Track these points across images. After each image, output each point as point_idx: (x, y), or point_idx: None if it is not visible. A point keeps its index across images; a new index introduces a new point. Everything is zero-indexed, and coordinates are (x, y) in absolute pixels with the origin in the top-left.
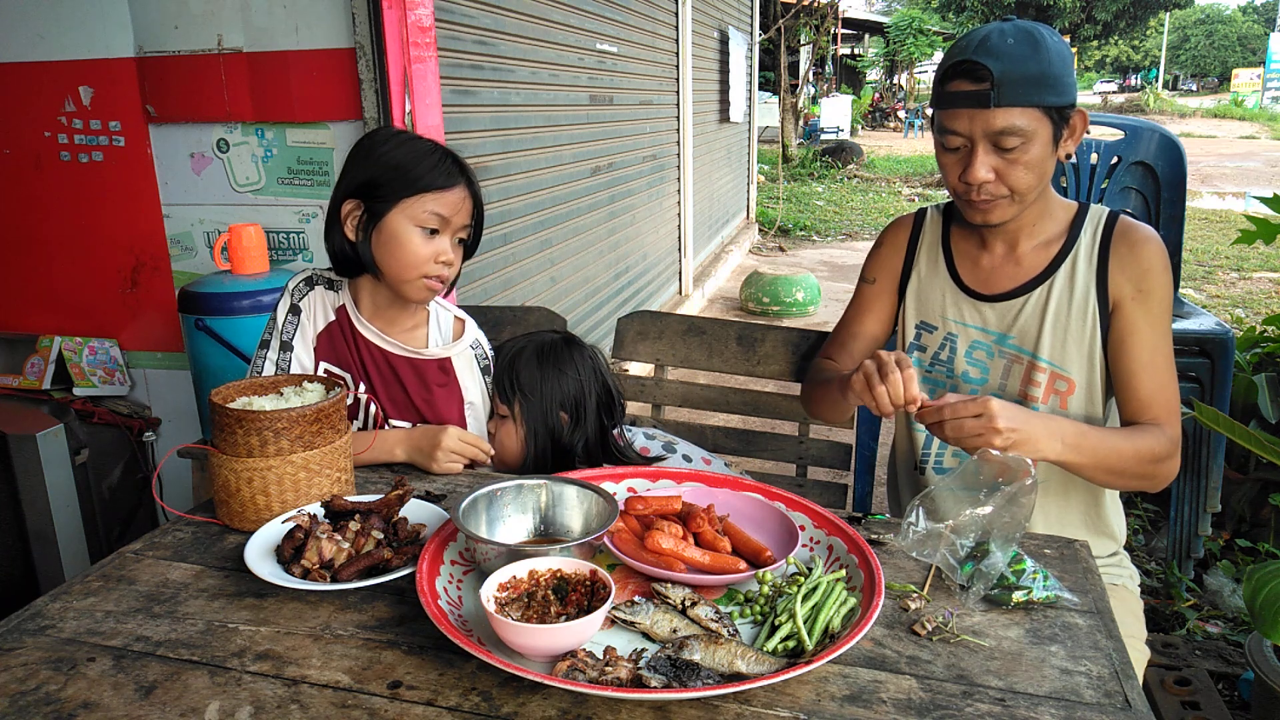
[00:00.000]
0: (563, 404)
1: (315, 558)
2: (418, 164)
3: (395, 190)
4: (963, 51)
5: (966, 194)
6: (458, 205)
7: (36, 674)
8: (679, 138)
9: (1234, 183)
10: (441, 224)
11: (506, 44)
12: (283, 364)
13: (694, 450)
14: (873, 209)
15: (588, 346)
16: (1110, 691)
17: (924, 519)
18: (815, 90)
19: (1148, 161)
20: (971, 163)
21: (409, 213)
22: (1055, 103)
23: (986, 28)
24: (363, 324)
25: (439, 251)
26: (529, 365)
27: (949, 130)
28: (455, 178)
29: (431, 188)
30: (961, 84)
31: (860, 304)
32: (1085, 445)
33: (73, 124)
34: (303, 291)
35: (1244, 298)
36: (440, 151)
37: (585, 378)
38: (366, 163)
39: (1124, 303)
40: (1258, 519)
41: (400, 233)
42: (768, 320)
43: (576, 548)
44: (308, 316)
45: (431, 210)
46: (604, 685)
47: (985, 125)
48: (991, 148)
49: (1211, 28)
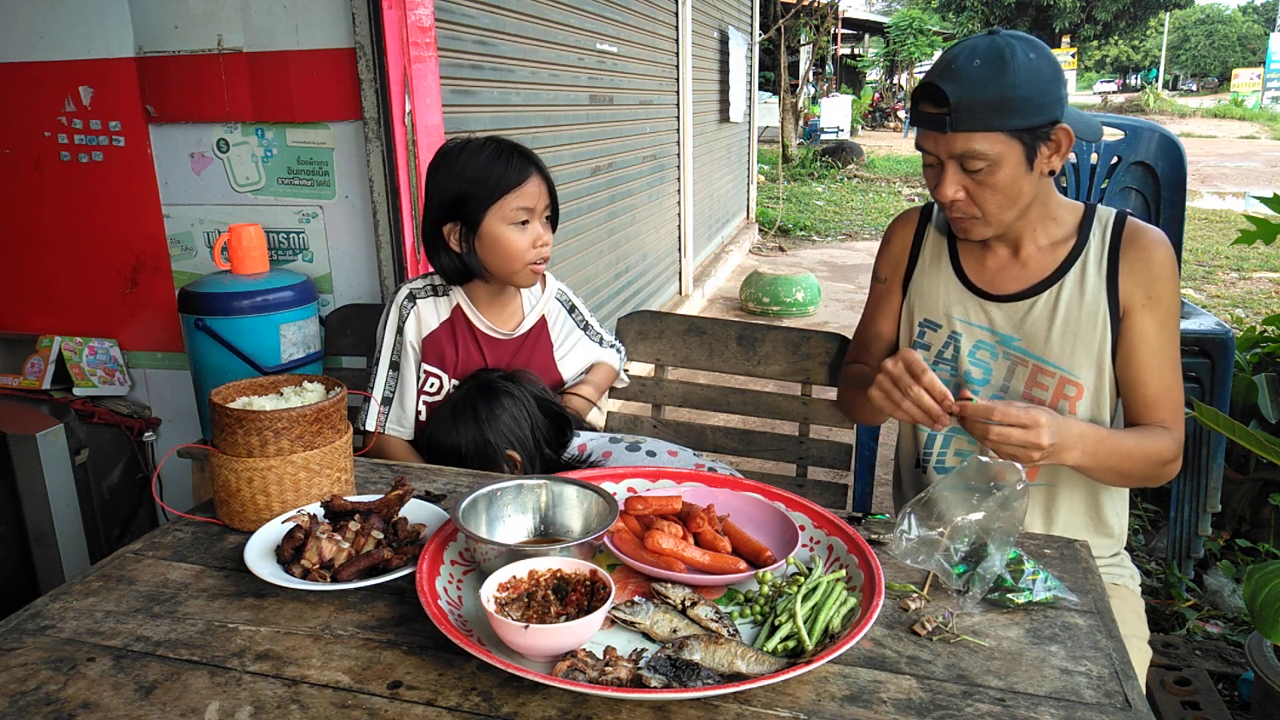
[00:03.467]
0: (510, 445)
1: (315, 558)
2: (491, 170)
3: (482, 200)
4: (931, 72)
5: (950, 210)
6: (537, 193)
7: (36, 674)
8: (679, 138)
9: (1234, 183)
10: (528, 214)
11: (506, 44)
12: (391, 381)
13: (659, 445)
14: (873, 209)
15: (517, 383)
16: (1110, 691)
17: (916, 526)
18: (815, 90)
19: (1148, 161)
20: (941, 181)
21: (500, 215)
22: (1021, 125)
23: (963, 45)
24: (478, 318)
25: (535, 237)
26: (464, 423)
27: (921, 148)
28: (527, 170)
29: (511, 187)
30: (926, 106)
31: (875, 304)
32: (1102, 451)
33: (73, 124)
34: (407, 309)
35: (1244, 298)
36: (505, 150)
37: (518, 414)
38: (446, 182)
39: (1134, 308)
40: (1258, 519)
41: (498, 234)
42: (768, 320)
43: (576, 548)
44: (412, 331)
45: (516, 206)
46: (604, 685)
47: (948, 148)
48: (959, 168)
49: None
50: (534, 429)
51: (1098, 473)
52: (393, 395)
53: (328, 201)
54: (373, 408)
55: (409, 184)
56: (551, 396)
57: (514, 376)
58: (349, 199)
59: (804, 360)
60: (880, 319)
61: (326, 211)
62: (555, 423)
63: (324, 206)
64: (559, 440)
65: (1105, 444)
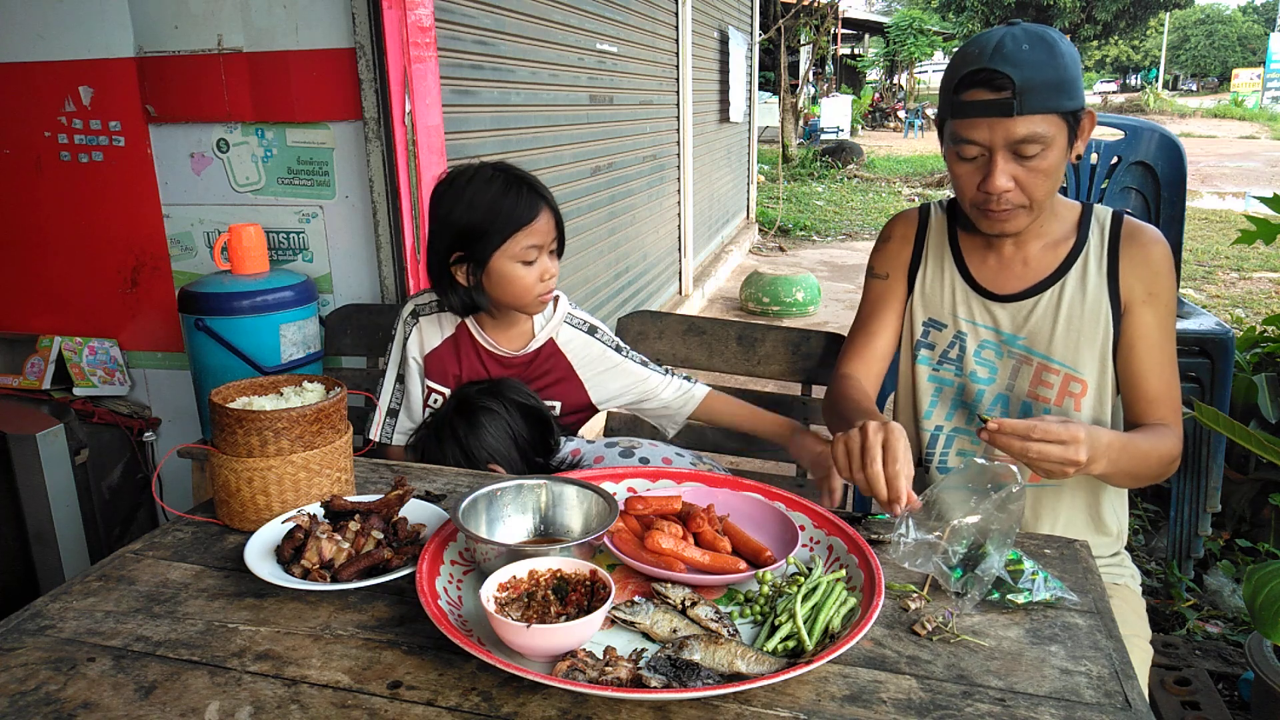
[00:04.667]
0: (491, 459)
1: (315, 558)
2: (499, 208)
3: (491, 239)
4: (977, 59)
5: (985, 204)
6: (546, 229)
7: (36, 674)
8: (679, 138)
9: (1234, 183)
10: (538, 251)
11: (506, 44)
12: (397, 394)
13: (654, 451)
14: (873, 209)
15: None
16: (1110, 691)
17: (914, 530)
18: (815, 90)
19: (1148, 161)
20: (991, 172)
21: (509, 253)
22: (1071, 107)
23: (995, 33)
24: (483, 337)
25: (543, 271)
26: (447, 442)
27: (966, 140)
28: (537, 206)
29: (522, 225)
30: (979, 93)
31: (875, 301)
32: (1124, 458)
33: (73, 124)
34: (410, 326)
35: (1244, 298)
36: (514, 183)
37: (497, 429)
38: (454, 214)
39: (1135, 305)
40: (1258, 519)
41: (507, 272)
42: (768, 320)
43: (576, 548)
44: (415, 347)
45: (526, 245)
46: (604, 685)
47: (1007, 135)
48: (1011, 156)
49: (1211, 28)
50: (517, 440)
51: (1115, 477)
52: (399, 408)
53: (328, 201)
54: (378, 418)
55: (409, 184)
56: (537, 403)
57: (495, 388)
58: (349, 199)
59: (804, 360)
60: (881, 317)
61: (326, 211)
62: (540, 429)
63: (324, 206)
64: (546, 445)
65: (1126, 450)
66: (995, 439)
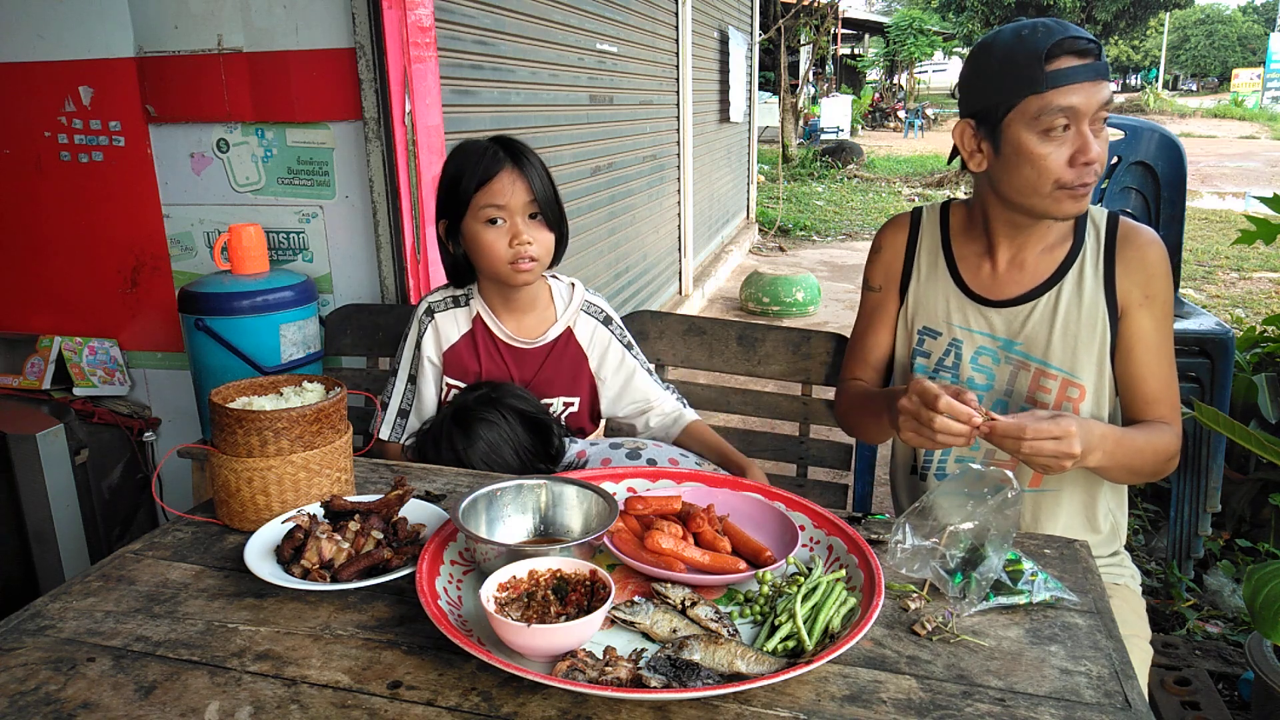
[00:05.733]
0: (489, 468)
1: (315, 558)
2: (464, 168)
3: (458, 200)
4: (1056, 32)
5: (1080, 179)
6: (508, 189)
7: (36, 674)
8: (679, 138)
9: (1234, 183)
10: (499, 211)
11: (506, 44)
12: (409, 395)
13: (660, 452)
14: (873, 209)
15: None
16: (1110, 691)
17: (911, 535)
18: (815, 90)
19: (1148, 161)
20: (1087, 140)
21: (473, 214)
22: None
23: (1043, 19)
24: (499, 327)
25: (512, 234)
26: (445, 451)
27: (1060, 108)
28: (496, 165)
29: (480, 185)
30: (1069, 60)
31: (870, 313)
32: (1119, 451)
33: (73, 124)
34: (425, 323)
35: (1244, 298)
36: (488, 146)
37: (495, 439)
38: (441, 180)
39: (1132, 307)
40: (1258, 519)
41: (473, 234)
42: (768, 320)
43: (576, 548)
44: (431, 346)
45: (485, 203)
46: (604, 685)
47: (1100, 98)
48: (1088, 124)
49: (1211, 28)
50: (517, 450)
51: (1113, 471)
52: (409, 409)
53: (328, 201)
54: (388, 417)
55: (409, 184)
56: (538, 409)
57: (493, 397)
58: (349, 199)
59: (804, 360)
60: (876, 329)
61: (326, 211)
62: (541, 435)
63: (324, 206)
64: (548, 452)
65: (1122, 444)
66: (991, 438)
